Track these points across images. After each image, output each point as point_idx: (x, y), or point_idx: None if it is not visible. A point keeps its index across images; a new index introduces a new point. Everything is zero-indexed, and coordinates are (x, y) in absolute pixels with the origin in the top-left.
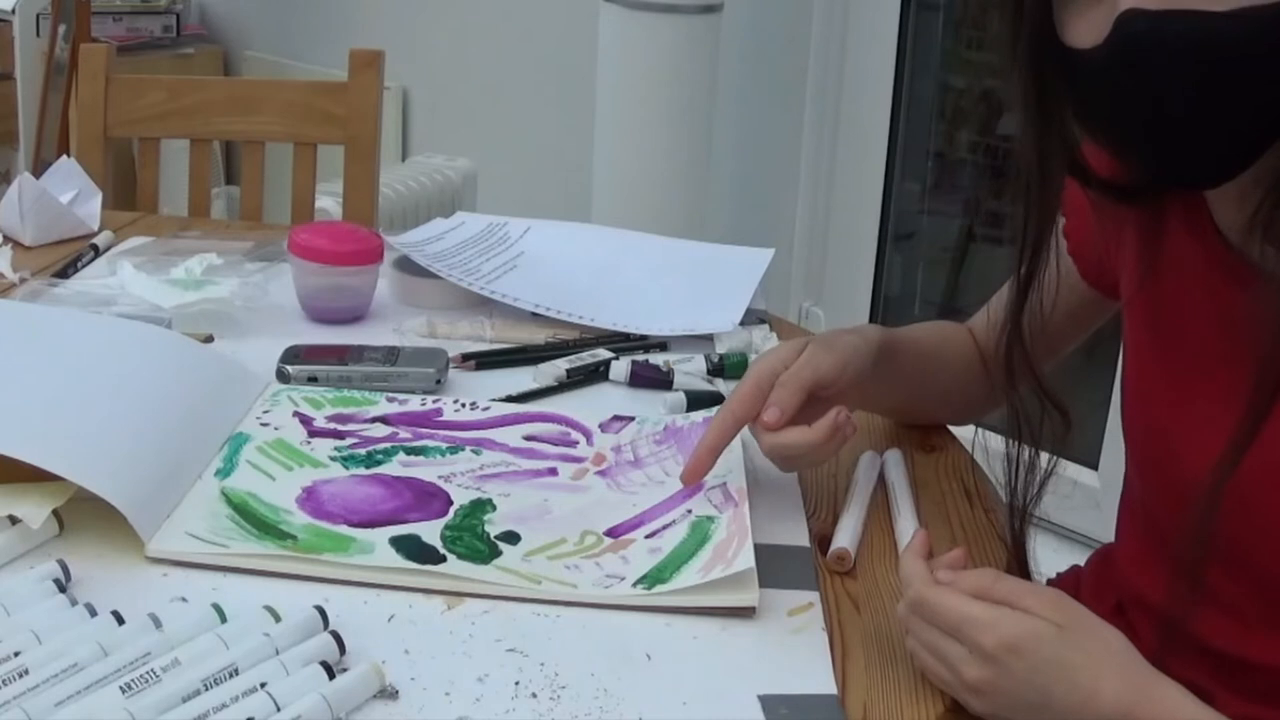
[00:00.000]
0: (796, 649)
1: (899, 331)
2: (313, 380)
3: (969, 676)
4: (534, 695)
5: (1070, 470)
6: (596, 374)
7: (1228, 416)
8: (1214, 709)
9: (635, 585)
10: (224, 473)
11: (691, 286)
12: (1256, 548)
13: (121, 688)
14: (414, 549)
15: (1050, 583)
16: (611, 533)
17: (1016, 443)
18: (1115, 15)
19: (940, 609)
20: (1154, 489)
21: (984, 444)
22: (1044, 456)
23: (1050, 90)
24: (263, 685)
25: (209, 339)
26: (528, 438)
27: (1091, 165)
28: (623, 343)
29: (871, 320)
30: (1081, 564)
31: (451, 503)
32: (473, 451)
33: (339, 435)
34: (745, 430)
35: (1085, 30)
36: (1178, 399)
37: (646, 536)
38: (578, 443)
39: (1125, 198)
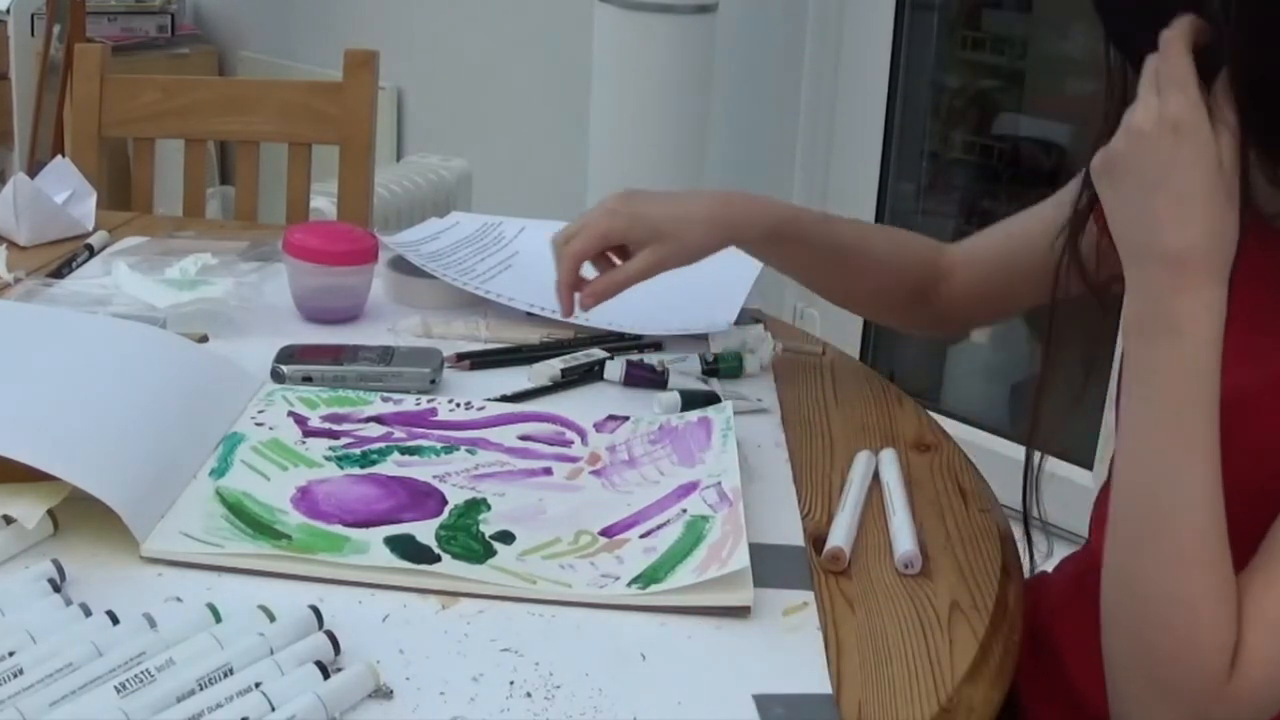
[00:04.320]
0: (791, 648)
1: (813, 224)
2: (307, 380)
3: (1136, 118)
4: (529, 695)
5: (1063, 469)
6: (591, 374)
7: None
8: None
9: (630, 585)
10: (219, 472)
11: (686, 286)
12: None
13: (116, 687)
14: (409, 549)
15: (1046, 576)
16: (606, 532)
17: (1029, 444)
18: None
19: (1175, 63)
20: None
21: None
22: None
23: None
24: (257, 685)
25: (204, 339)
26: (523, 437)
27: None
28: (617, 342)
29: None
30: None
31: (446, 502)
32: (468, 451)
33: (334, 435)
34: (740, 430)
35: None
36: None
37: (641, 536)
38: (573, 442)
39: None
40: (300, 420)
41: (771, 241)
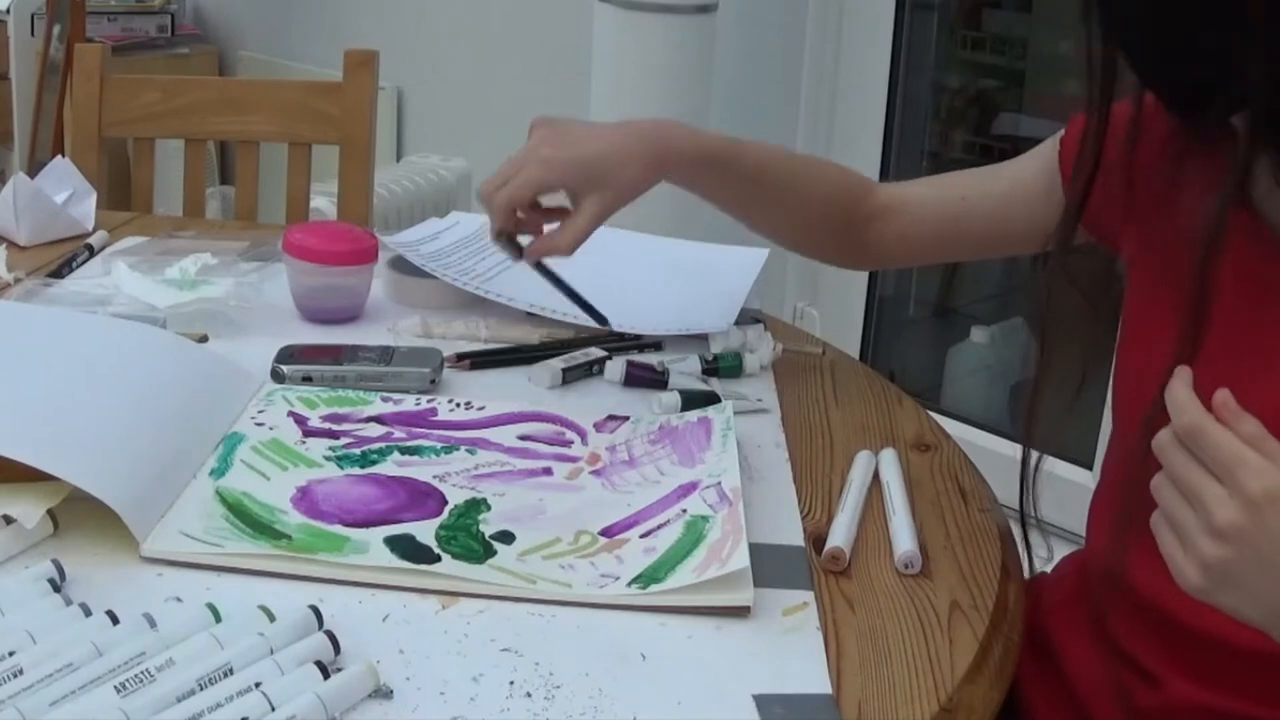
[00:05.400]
0: (791, 648)
1: (743, 151)
2: (307, 380)
3: (1221, 518)
4: (529, 695)
5: (1063, 469)
6: (591, 374)
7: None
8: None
9: (630, 585)
10: (219, 472)
11: (686, 286)
12: None
13: (116, 687)
14: (409, 549)
15: (1045, 577)
16: (606, 532)
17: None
18: None
19: (1218, 443)
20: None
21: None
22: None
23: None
24: (257, 685)
25: (204, 339)
26: (522, 437)
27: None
28: (617, 342)
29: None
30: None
31: (446, 502)
32: (467, 451)
33: (334, 435)
34: (740, 430)
35: None
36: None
37: (641, 536)
38: (572, 442)
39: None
40: (300, 420)
41: (702, 170)
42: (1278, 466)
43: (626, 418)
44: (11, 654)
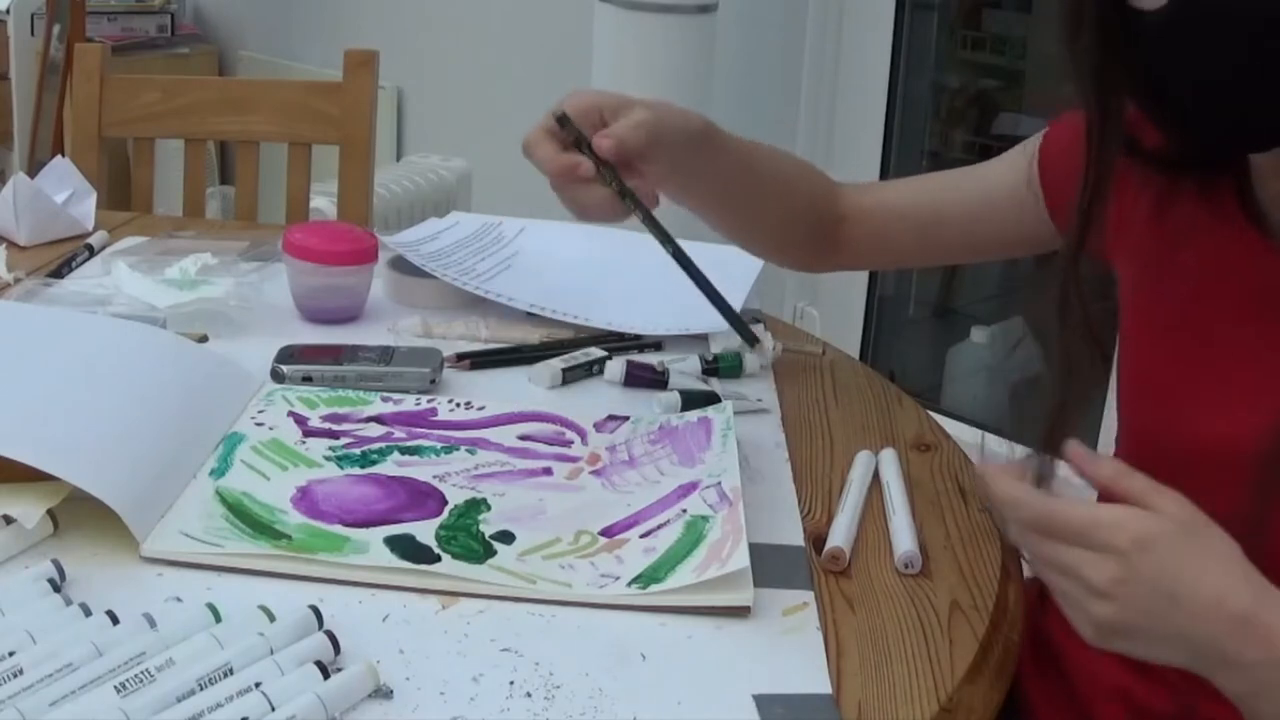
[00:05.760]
0: (791, 648)
1: (731, 136)
2: (307, 380)
3: (1099, 579)
4: (528, 695)
5: (1062, 469)
6: (591, 374)
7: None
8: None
9: (630, 585)
10: (219, 472)
11: (686, 286)
12: None
13: (116, 687)
14: (409, 549)
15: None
16: (606, 532)
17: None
18: None
19: (1064, 518)
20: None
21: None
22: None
23: (1111, 56)
24: (257, 685)
25: (204, 339)
26: (522, 437)
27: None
28: (617, 342)
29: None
30: None
31: (446, 502)
32: (467, 451)
33: (334, 435)
34: (740, 430)
35: None
36: (1194, 372)
37: (641, 536)
38: (572, 442)
39: (1172, 167)
40: (300, 420)
41: (695, 147)
42: (1136, 509)
43: (626, 418)
44: (11, 654)
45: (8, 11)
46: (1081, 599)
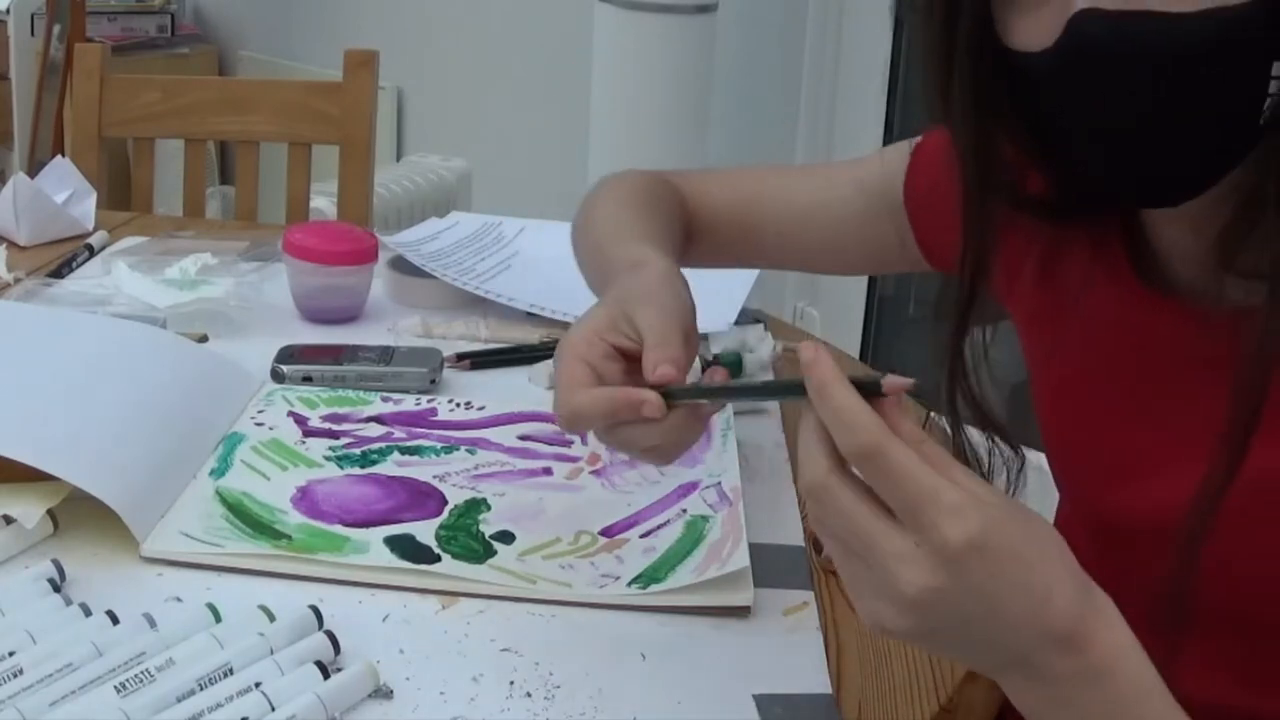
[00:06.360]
0: (791, 648)
1: (671, 253)
2: (307, 380)
3: (909, 584)
4: (528, 695)
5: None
6: None
7: (1177, 449)
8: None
9: (630, 585)
10: (219, 472)
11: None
12: (1248, 595)
13: (116, 687)
14: (409, 549)
15: None
16: (606, 532)
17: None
18: (1068, 16)
19: (903, 468)
20: (1096, 536)
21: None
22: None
23: (988, 101)
24: (257, 685)
25: (204, 339)
26: (522, 437)
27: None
28: None
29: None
30: None
31: (446, 502)
32: (467, 451)
33: (334, 435)
34: (740, 430)
35: (1032, 31)
36: (1109, 435)
37: (641, 536)
38: (572, 442)
39: (1059, 216)
40: (300, 420)
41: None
42: (977, 498)
43: None
44: (11, 654)
45: (8, 11)
46: (877, 595)
